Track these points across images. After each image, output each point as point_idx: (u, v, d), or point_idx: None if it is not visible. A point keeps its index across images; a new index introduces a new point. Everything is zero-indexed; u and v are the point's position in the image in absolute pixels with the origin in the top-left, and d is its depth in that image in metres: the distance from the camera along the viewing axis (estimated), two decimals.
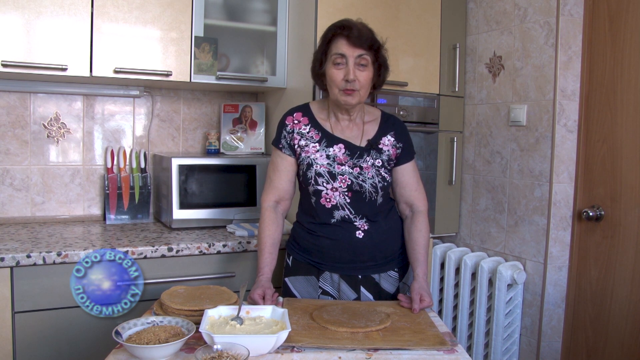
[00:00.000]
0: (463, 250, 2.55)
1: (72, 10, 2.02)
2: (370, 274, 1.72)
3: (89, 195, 2.44)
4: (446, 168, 2.58)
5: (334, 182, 1.68)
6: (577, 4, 2.14)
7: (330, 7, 2.19)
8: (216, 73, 2.28)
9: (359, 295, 1.71)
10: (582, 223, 2.19)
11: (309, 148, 1.70)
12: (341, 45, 1.61)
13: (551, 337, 2.25)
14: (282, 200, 1.76)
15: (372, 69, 1.65)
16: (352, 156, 1.69)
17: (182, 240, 2.00)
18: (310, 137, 1.72)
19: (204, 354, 1.13)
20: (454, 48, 2.54)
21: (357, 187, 1.67)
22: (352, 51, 1.60)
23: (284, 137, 1.74)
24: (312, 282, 1.74)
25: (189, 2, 2.20)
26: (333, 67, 1.62)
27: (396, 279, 1.75)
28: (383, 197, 1.72)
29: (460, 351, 1.28)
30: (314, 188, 1.69)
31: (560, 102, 2.17)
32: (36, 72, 2.01)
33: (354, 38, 1.59)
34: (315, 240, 1.73)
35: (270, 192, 1.76)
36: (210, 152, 2.55)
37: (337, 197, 1.68)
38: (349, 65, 1.60)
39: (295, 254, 1.79)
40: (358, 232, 1.69)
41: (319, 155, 1.69)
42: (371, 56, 1.63)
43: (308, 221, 1.75)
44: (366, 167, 1.68)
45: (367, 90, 1.67)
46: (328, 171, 1.68)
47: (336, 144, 1.70)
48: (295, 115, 1.75)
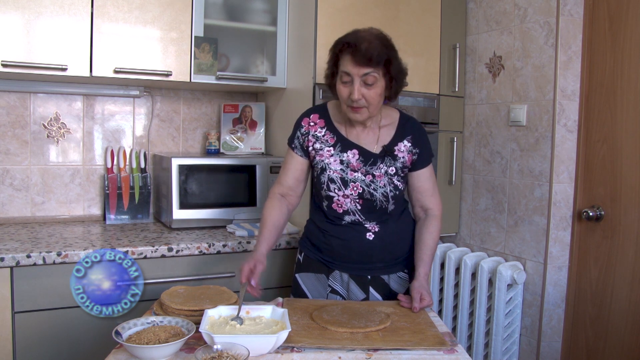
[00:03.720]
0: (463, 250, 2.55)
1: (72, 10, 2.02)
2: (379, 275, 1.72)
3: (89, 195, 2.44)
4: (446, 168, 2.58)
5: (346, 189, 1.67)
6: (577, 4, 2.14)
7: (330, 7, 2.19)
8: (216, 73, 2.28)
9: (367, 295, 1.71)
10: (582, 223, 2.19)
11: (323, 152, 1.69)
12: (347, 63, 1.55)
13: (551, 337, 2.25)
14: (288, 195, 1.76)
15: (382, 84, 1.58)
16: (365, 163, 1.67)
17: (182, 240, 2.00)
18: (325, 140, 1.70)
19: (204, 354, 1.13)
20: (454, 48, 2.54)
21: (368, 196, 1.67)
22: (358, 70, 1.54)
23: (297, 138, 1.73)
24: (322, 280, 1.75)
25: (189, 2, 2.20)
26: (341, 83, 1.59)
27: (406, 280, 1.75)
28: (395, 204, 1.71)
29: (460, 351, 1.28)
30: (326, 193, 1.70)
31: (560, 102, 2.17)
32: (36, 72, 2.01)
33: (359, 56, 1.52)
34: (327, 239, 1.73)
35: (276, 186, 1.78)
36: (210, 152, 2.55)
37: (348, 203, 1.68)
38: (355, 84, 1.55)
39: (307, 251, 1.79)
40: (368, 233, 1.69)
41: (333, 160, 1.68)
42: (380, 71, 1.56)
43: (320, 220, 1.76)
44: (379, 176, 1.67)
45: (377, 105, 1.61)
46: (341, 177, 1.67)
47: (350, 149, 1.68)
48: (312, 116, 1.73)
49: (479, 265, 2.38)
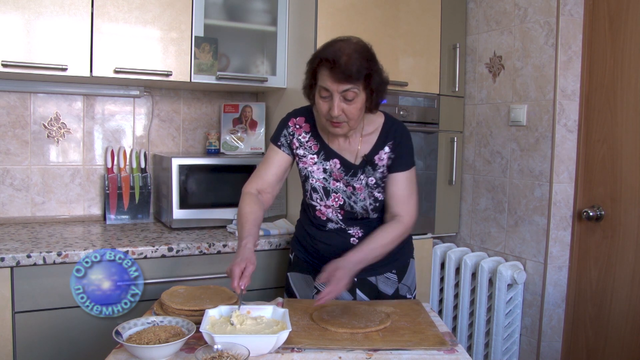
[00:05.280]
0: (463, 250, 2.55)
1: (72, 10, 2.02)
2: (366, 277, 1.71)
3: (89, 195, 2.44)
4: (446, 168, 2.58)
5: (328, 199, 1.66)
6: (577, 4, 2.14)
7: (330, 7, 2.19)
8: (216, 73, 2.28)
9: (354, 297, 1.71)
10: (582, 223, 2.19)
11: (306, 159, 1.66)
12: (326, 79, 1.47)
13: (551, 337, 2.25)
14: (264, 192, 1.67)
15: (362, 97, 1.50)
16: (346, 173, 1.63)
17: (182, 240, 2.00)
18: (309, 147, 1.66)
19: (204, 354, 1.13)
20: (454, 48, 2.54)
21: (349, 208, 1.66)
22: (337, 86, 1.45)
23: (284, 136, 1.69)
24: (309, 281, 1.75)
25: (189, 2, 2.20)
26: (319, 97, 1.51)
27: (394, 280, 1.75)
28: (377, 213, 1.69)
29: (460, 351, 1.28)
30: (309, 202, 1.70)
31: (560, 102, 2.17)
32: (36, 72, 2.00)
33: (338, 72, 1.43)
34: (313, 242, 1.73)
35: (252, 181, 1.68)
36: (211, 152, 2.55)
37: (330, 213, 1.68)
38: (334, 100, 1.47)
39: (297, 251, 1.80)
40: (352, 238, 1.68)
41: (316, 168, 1.66)
42: (360, 86, 1.48)
43: (307, 223, 1.76)
44: (359, 188, 1.63)
45: (357, 119, 1.54)
46: (323, 187, 1.66)
47: (332, 158, 1.64)
48: (298, 119, 1.69)
49: (479, 265, 2.38)
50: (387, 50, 2.33)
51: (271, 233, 2.12)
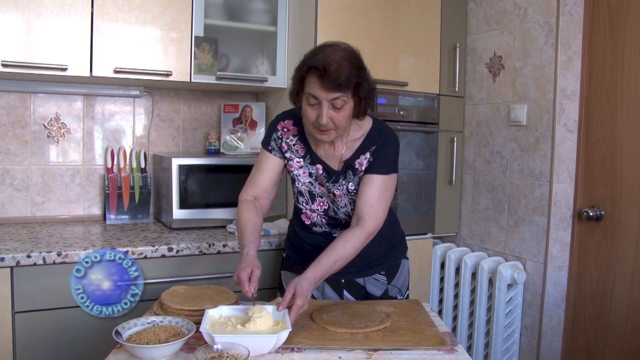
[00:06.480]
0: (463, 250, 2.55)
1: (72, 10, 2.02)
2: (353, 279, 1.72)
3: (89, 195, 2.44)
4: (446, 168, 2.58)
5: (313, 204, 1.67)
6: (577, 4, 2.14)
7: (330, 7, 2.19)
8: (216, 73, 2.28)
9: (342, 298, 1.72)
10: (582, 223, 2.19)
11: (293, 163, 1.66)
12: (314, 87, 1.44)
13: (551, 337, 2.25)
14: (260, 198, 1.67)
15: (350, 105, 1.48)
16: (328, 179, 1.63)
17: (182, 240, 2.00)
18: (296, 150, 1.66)
19: (204, 354, 1.13)
20: (454, 48, 2.54)
21: (332, 214, 1.67)
22: (326, 95, 1.43)
23: (274, 140, 1.68)
24: None
25: (189, 2, 2.20)
26: (307, 105, 1.49)
27: (383, 282, 1.74)
28: None
29: (460, 351, 1.28)
30: (296, 205, 1.72)
31: (560, 102, 2.17)
32: (36, 72, 2.00)
33: (328, 81, 1.41)
34: (302, 243, 1.75)
35: (248, 188, 1.68)
36: (211, 152, 2.55)
37: (315, 217, 1.69)
38: (323, 108, 1.45)
39: (289, 250, 1.83)
40: None
41: (302, 172, 1.66)
42: (349, 94, 1.46)
43: (297, 224, 1.78)
44: (339, 195, 1.62)
45: (345, 127, 1.52)
46: (309, 191, 1.67)
47: (317, 163, 1.63)
48: (286, 122, 1.67)
49: (479, 265, 2.38)
50: (387, 50, 2.33)
51: (271, 233, 2.12)
